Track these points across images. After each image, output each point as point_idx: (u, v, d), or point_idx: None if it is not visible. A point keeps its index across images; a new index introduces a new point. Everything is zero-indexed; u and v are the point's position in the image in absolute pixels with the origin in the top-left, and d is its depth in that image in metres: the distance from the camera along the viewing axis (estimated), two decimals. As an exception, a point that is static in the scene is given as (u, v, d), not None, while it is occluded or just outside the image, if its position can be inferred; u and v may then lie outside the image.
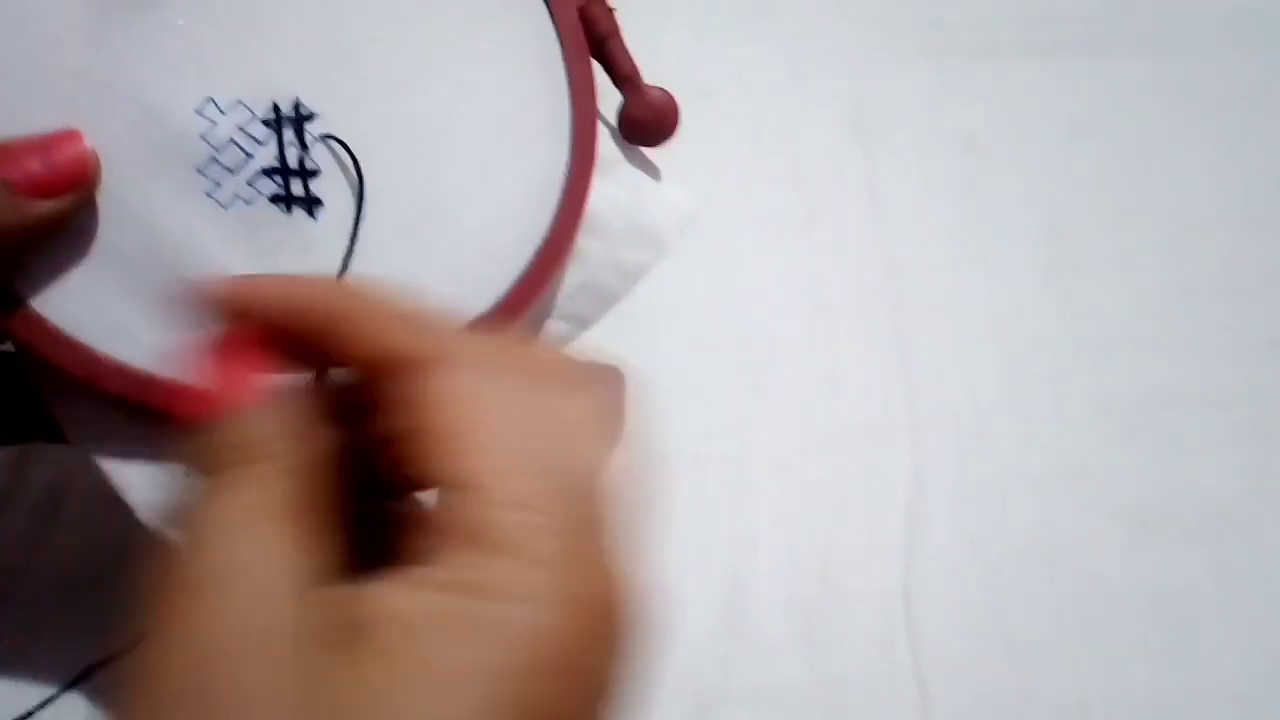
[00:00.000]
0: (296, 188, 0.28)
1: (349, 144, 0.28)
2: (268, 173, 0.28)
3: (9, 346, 0.28)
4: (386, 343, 0.22)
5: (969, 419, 0.43)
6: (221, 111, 0.28)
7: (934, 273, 0.46)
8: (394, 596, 0.20)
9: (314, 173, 0.28)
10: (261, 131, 0.28)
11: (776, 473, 0.42)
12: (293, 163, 0.28)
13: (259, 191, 0.28)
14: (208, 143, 0.27)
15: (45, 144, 0.26)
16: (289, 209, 0.28)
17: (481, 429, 0.21)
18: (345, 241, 0.28)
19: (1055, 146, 0.49)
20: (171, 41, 0.27)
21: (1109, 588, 0.39)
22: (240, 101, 0.28)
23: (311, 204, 0.28)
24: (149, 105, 0.27)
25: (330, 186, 0.28)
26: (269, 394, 0.23)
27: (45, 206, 0.26)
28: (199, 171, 0.27)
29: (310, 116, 0.28)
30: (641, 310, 0.36)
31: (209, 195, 0.28)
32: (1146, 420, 0.43)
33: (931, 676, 0.37)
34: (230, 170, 0.28)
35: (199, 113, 0.27)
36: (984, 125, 0.50)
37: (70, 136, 0.27)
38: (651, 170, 0.35)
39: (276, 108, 0.28)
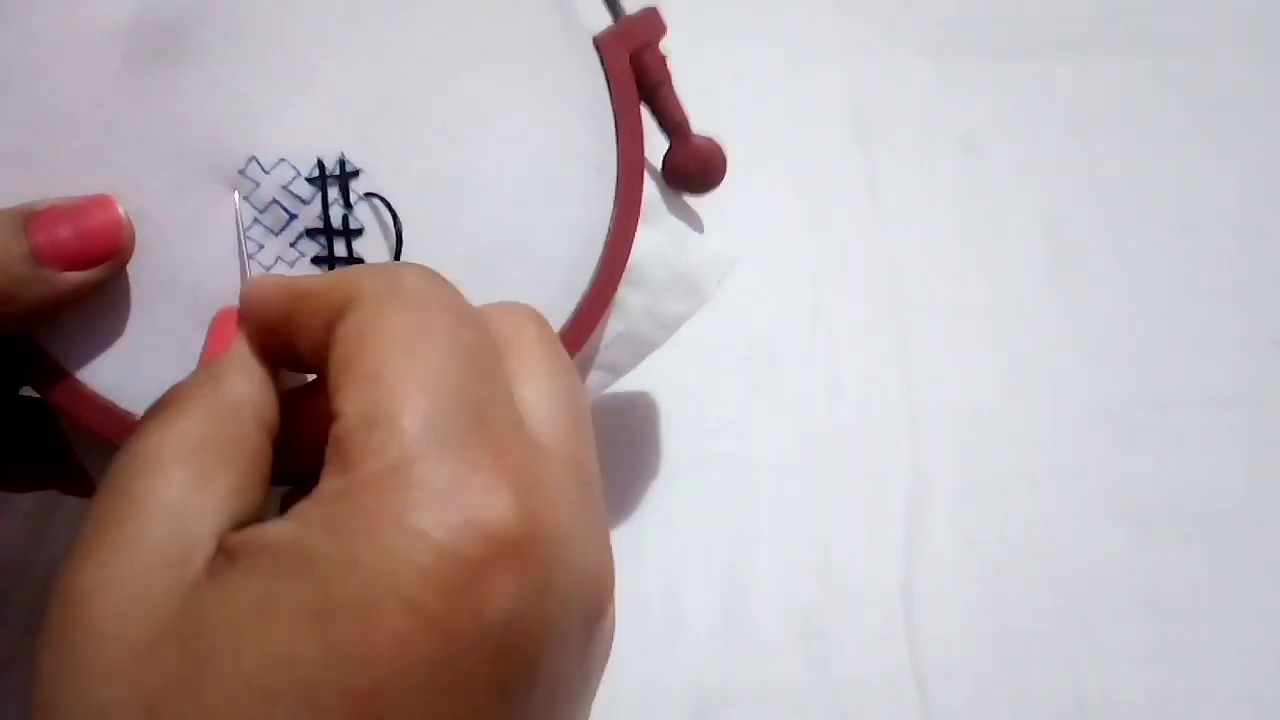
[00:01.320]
0: (340, 249, 0.27)
1: (392, 201, 0.27)
2: (311, 234, 0.27)
3: (30, 392, 0.27)
4: (319, 316, 0.22)
5: (968, 418, 0.43)
6: (265, 171, 0.27)
7: (934, 272, 0.46)
8: (269, 528, 0.19)
9: (357, 232, 0.27)
10: (306, 190, 0.27)
11: (776, 473, 0.42)
12: (336, 223, 0.27)
13: (301, 253, 0.27)
14: (251, 204, 0.27)
15: (76, 210, 0.25)
16: (331, 270, 0.27)
17: (352, 359, 0.20)
18: None
19: (1055, 146, 0.49)
20: (213, 96, 0.26)
21: (1108, 587, 0.39)
22: (284, 160, 0.27)
23: (354, 265, 0.27)
24: (190, 165, 0.26)
25: (373, 246, 0.27)
26: (225, 352, 0.23)
27: (73, 279, 0.24)
28: (242, 234, 0.27)
29: (355, 173, 0.27)
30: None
31: (251, 258, 0.27)
32: (1146, 420, 0.43)
33: (931, 675, 0.38)
34: (273, 232, 0.27)
35: (242, 173, 0.26)
36: (983, 125, 0.50)
37: (103, 203, 0.25)
38: (693, 218, 0.35)
39: (321, 165, 0.27)
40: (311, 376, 0.25)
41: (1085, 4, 0.54)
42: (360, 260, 0.27)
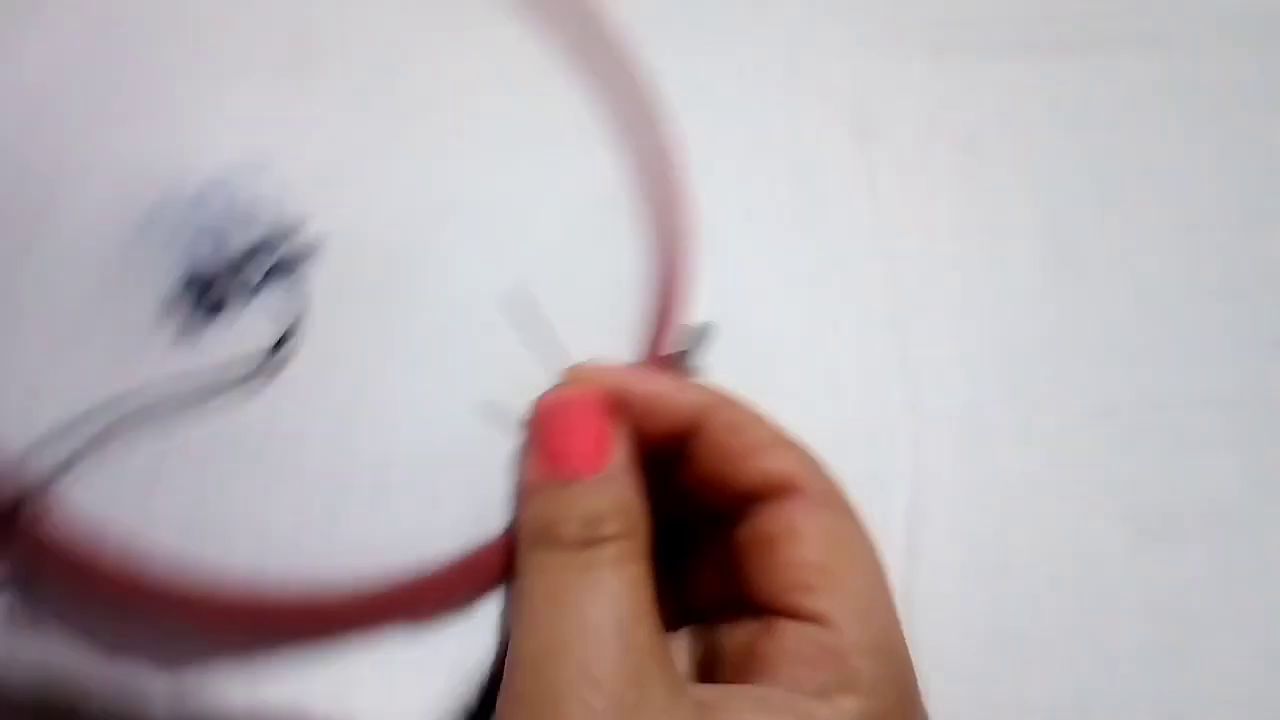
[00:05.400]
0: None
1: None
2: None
3: None
4: (756, 465, 0.23)
5: (969, 419, 0.42)
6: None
7: (934, 272, 0.46)
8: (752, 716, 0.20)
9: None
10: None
11: (776, 473, 0.42)
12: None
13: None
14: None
15: None
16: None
17: (841, 571, 0.22)
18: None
19: (1055, 146, 0.49)
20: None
21: (1109, 588, 0.39)
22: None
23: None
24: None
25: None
26: (615, 463, 0.22)
27: None
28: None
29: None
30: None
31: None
32: (1146, 420, 0.43)
33: (931, 676, 0.37)
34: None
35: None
36: (984, 124, 0.50)
37: None
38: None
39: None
40: None
41: (1085, 4, 0.53)
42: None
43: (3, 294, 0.24)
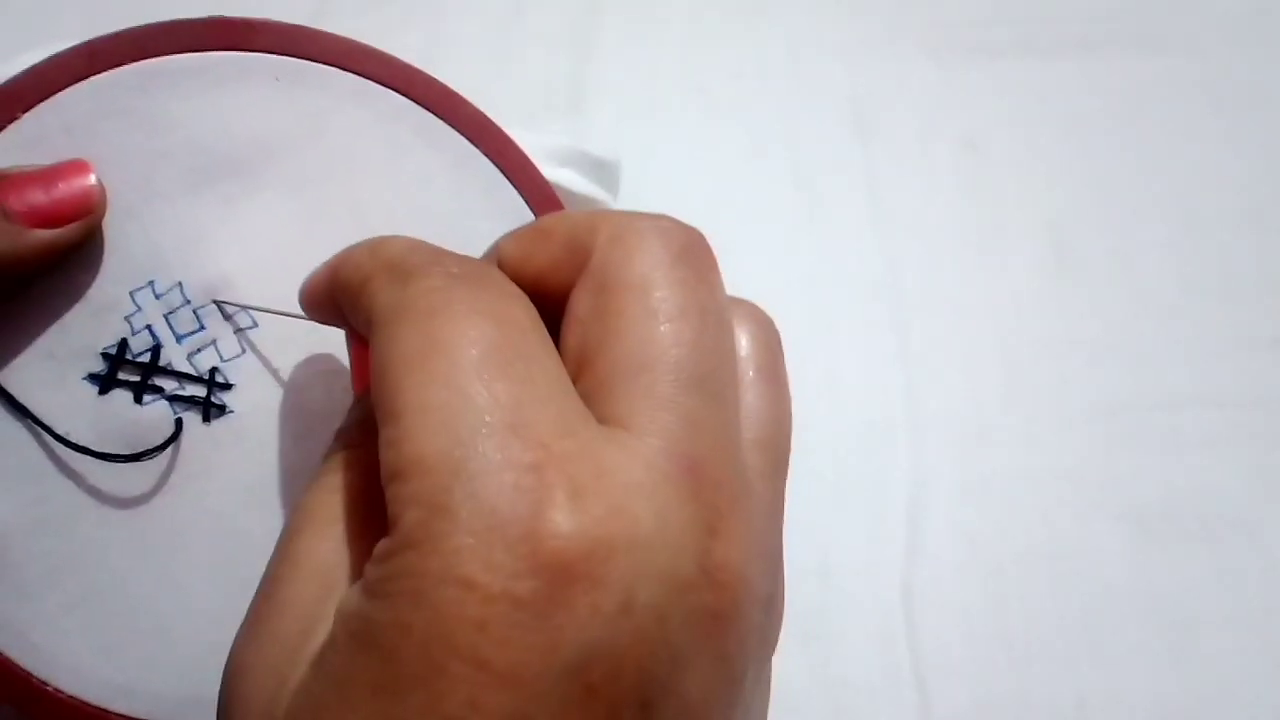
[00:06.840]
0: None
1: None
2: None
3: None
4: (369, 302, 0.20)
5: (969, 419, 0.42)
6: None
7: (934, 272, 0.46)
8: (347, 596, 0.18)
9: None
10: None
11: (776, 473, 0.42)
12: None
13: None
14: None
15: (50, 175, 0.26)
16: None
17: (383, 397, 0.18)
18: None
19: (1055, 146, 0.49)
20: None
21: (1109, 588, 0.39)
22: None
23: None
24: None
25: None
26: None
27: (45, 235, 0.25)
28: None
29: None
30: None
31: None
32: (1146, 420, 0.43)
33: (931, 676, 0.37)
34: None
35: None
36: (984, 125, 0.50)
37: (78, 167, 0.26)
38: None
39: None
40: None
41: (1085, 4, 0.53)
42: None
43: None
